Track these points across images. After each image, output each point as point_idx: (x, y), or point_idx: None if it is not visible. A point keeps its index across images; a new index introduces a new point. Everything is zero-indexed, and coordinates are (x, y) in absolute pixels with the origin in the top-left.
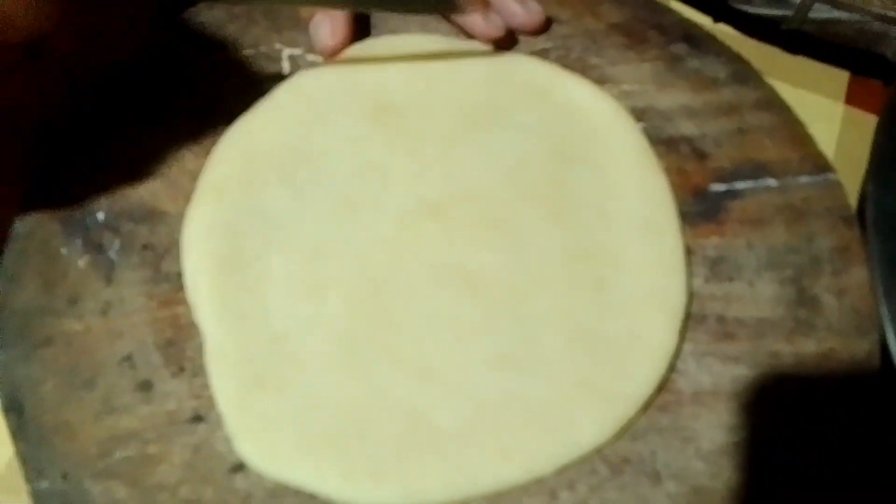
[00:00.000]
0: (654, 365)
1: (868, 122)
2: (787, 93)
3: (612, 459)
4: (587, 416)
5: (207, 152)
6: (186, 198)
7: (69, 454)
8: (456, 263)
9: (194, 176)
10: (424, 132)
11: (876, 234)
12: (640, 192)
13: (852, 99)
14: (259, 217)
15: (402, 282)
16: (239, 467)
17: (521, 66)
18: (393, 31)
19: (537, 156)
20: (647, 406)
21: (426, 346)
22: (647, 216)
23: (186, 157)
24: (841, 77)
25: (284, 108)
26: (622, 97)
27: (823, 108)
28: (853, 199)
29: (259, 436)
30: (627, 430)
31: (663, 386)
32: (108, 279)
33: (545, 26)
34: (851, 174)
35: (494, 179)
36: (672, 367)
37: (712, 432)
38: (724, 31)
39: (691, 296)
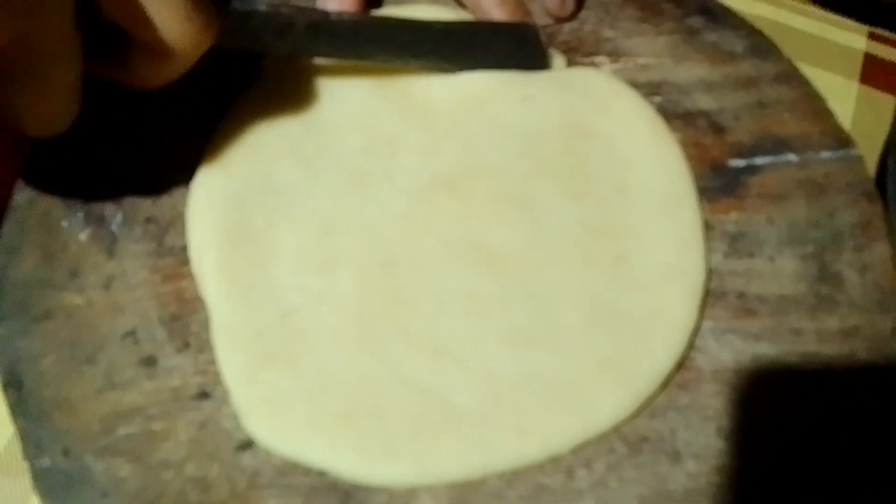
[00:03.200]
0: (674, 342)
1: (883, 101)
2: (803, 71)
3: (631, 438)
4: (605, 394)
5: (213, 125)
6: (191, 171)
7: (70, 430)
8: (470, 239)
9: (199, 150)
10: (433, 106)
11: None
12: (656, 165)
13: (867, 78)
14: (267, 189)
15: (416, 257)
16: (246, 445)
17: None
18: (401, 2)
19: (550, 129)
20: (667, 383)
21: (441, 323)
22: (664, 191)
23: (191, 130)
24: (856, 56)
25: (292, 81)
26: (638, 70)
27: (838, 87)
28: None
29: (268, 412)
30: (646, 408)
31: (682, 363)
32: (111, 252)
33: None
34: (868, 153)
35: (507, 153)
36: (691, 345)
37: (734, 410)
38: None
39: (710, 272)
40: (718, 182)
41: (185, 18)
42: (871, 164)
